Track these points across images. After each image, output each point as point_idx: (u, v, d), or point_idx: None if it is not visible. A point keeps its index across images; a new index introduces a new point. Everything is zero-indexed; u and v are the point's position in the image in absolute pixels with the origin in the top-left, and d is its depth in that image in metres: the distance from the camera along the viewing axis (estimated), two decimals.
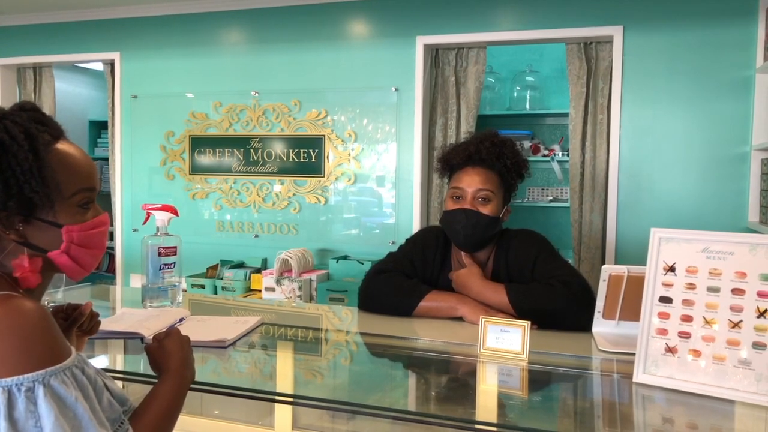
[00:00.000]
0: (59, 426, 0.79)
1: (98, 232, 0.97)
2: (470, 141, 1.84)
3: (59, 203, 0.90)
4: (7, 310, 0.81)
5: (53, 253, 0.92)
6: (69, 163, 0.93)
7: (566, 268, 1.76)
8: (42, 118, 0.94)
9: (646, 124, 3.13)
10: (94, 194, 0.97)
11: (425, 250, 1.89)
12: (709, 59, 3.02)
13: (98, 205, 0.99)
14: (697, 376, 1.19)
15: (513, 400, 1.28)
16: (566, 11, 3.21)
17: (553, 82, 4.33)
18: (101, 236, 0.98)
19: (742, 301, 1.18)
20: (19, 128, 0.88)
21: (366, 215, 3.66)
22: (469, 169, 1.79)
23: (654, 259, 1.28)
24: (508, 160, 1.78)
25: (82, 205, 0.94)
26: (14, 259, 0.89)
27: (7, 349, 0.79)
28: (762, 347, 1.15)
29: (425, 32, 3.43)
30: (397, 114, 3.52)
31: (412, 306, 1.75)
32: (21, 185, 0.85)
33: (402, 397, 1.30)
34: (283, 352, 1.57)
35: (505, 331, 1.40)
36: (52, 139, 0.92)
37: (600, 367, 1.42)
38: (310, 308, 2.34)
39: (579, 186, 3.30)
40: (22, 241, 0.90)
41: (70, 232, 0.92)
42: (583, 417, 1.19)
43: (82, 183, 0.94)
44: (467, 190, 1.77)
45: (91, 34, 4.08)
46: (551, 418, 1.20)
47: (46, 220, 0.90)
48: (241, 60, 3.79)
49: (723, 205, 3.03)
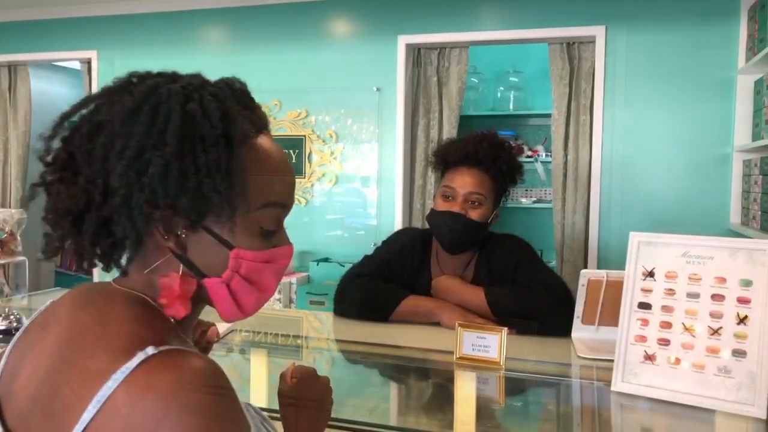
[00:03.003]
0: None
1: (275, 268, 0.71)
2: (468, 140, 1.77)
3: (240, 215, 0.67)
4: (177, 382, 0.57)
5: (211, 280, 0.68)
6: (266, 165, 0.69)
7: (547, 273, 1.74)
8: (249, 102, 0.72)
9: (629, 125, 3.12)
10: (284, 214, 0.73)
11: (403, 253, 1.85)
12: (691, 60, 3.01)
13: (286, 231, 0.74)
14: (677, 385, 1.16)
15: (488, 410, 1.24)
16: (549, 11, 3.18)
17: (537, 82, 4.31)
18: (276, 274, 0.72)
19: (721, 307, 1.15)
20: (218, 105, 0.66)
21: (348, 216, 3.61)
22: (464, 169, 1.73)
23: (633, 264, 1.25)
24: (504, 164, 1.74)
25: (265, 226, 0.70)
26: (163, 276, 0.67)
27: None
28: (742, 355, 1.12)
29: (407, 31, 3.39)
30: (379, 114, 3.48)
31: (389, 311, 1.71)
32: (201, 179, 0.63)
33: (372, 408, 1.26)
34: (257, 358, 1.53)
35: (481, 337, 1.36)
36: (253, 130, 0.70)
37: (578, 374, 1.39)
38: (289, 313, 2.29)
39: (562, 187, 3.27)
40: (180, 253, 0.67)
41: (239, 259, 0.68)
42: (560, 427, 1.16)
43: (275, 196, 0.70)
44: (459, 191, 1.72)
45: (67, 32, 4.00)
46: (527, 428, 1.17)
47: (217, 234, 0.67)
48: (221, 59, 3.73)
49: (705, 206, 3.02)
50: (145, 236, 0.66)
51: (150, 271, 0.68)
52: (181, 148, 0.63)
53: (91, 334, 0.64)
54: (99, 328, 0.64)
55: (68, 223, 0.66)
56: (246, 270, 0.69)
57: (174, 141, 0.63)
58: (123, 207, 0.63)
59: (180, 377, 0.58)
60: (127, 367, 0.58)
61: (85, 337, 0.64)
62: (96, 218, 0.65)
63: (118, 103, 0.66)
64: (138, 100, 0.65)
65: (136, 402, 0.56)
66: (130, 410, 0.56)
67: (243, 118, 0.68)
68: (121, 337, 0.62)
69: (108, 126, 0.65)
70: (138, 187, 0.63)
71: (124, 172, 0.63)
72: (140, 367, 0.58)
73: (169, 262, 0.67)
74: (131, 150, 0.63)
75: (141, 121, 0.63)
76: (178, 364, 0.59)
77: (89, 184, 0.65)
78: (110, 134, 0.64)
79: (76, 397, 0.59)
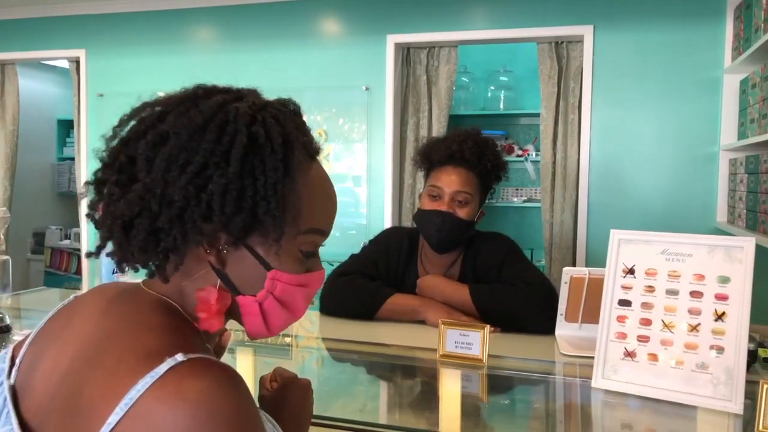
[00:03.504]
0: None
1: (307, 292, 0.74)
2: (453, 138, 1.78)
3: (285, 239, 0.68)
4: (206, 390, 0.57)
5: (245, 298, 0.70)
6: (317, 193, 0.72)
7: (532, 271, 1.74)
8: (303, 125, 0.73)
9: (617, 123, 3.13)
10: (323, 240, 0.76)
11: (389, 251, 1.85)
12: (678, 59, 3.03)
13: (320, 257, 0.77)
14: (656, 381, 1.17)
15: (470, 407, 1.24)
16: (537, 10, 3.19)
17: (527, 82, 4.32)
18: (308, 298, 0.75)
19: (700, 304, 1.16)
20: (280, 129, 0.67)
21: (338, 216, 3.59)
22: (450, 168, 1.74)
23: (613, 261, 1.26)
24: (489, 162, 1.74)
25: (305, 251, 0.72)
26: (199, 290, 0.69)
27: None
28: (719, 351, 1.13)
29: (396, 31, 3.39)
30: (369, 113, 3.48)
31: (374, 309, 1.71)
32: (257, 201, 0.65)
33: (358, 406, 1.26)
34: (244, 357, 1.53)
35: (464, 335, 1.36)
36: (307, 157, 0.72)
37: (561, 371, 1.39)
38: None
39: (550, 186, 3.28)
40: (219, 269, 0.69)
41: (276, 280, 0.70)
42: (540, 424, 1.16)
43: (320, 223, 0.73)
44: (446, 190, 1.72)
45: (55, 30, 3.97)
46: (508, 425, 1.17)
47: (258, 255, 0.68)
48: (210, 58, 3.72)
49: (692, 205, 3.04)
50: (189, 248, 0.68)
51: (188, 283, 0.69)
52: (243, 169, 0.64)
53: (119, 336, 0.65)
54: (128, 331, 0.65)
55: (118, 227, 0.66)
56: (280, 292, 0.70)
57: (237, 163, 0.64)
58: (177, 219, 0.64)
59: (209, 386, 0.58)
60: (156, 372, 0.58)
61: (112, 340, 0.64)
62: (148, 226, 0.65)
63: (184, 116, 0.67)
64: (206, 116, 0.66)
65: (165, 408, 0.56)
66: (158, 416, 0.56)
67: (300, 144, 0.69)
68: (149, 342, 0.62)
69: (173, 137, 0.66)
70: (195, 201, 0.64)
71: (184, 185, 0.64)
72: (169, 373, 0.58)
73: (206, 276, 0.69)
74: (195, 165, 0.64)
75: (207, 138, 0.65)
76: (206, 372, 0.59)
77: (147, 191, 0.65)
78: (175, 146, 0.65)
79: (102, 398, 0.59)
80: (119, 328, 0.66)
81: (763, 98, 2.34)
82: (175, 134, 0.66)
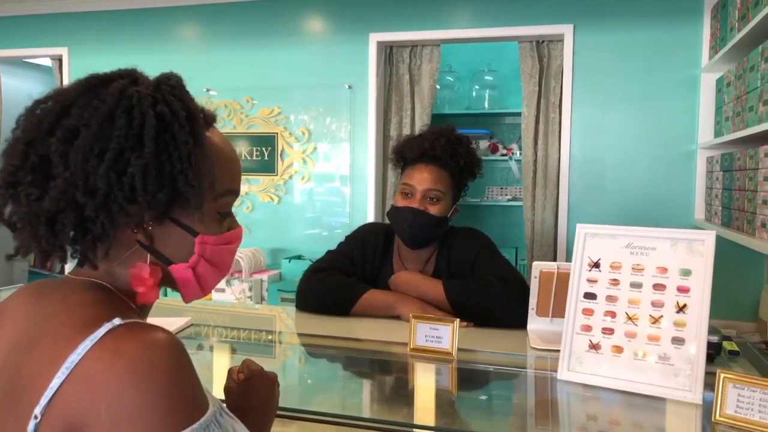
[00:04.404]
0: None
1: (231, 249, 0.79)
2: (426, 136, 1.80)
3: (205, 204, 0.72)
4: (144, 347, 0.60)
5: (178, 266, 0.73)
6: (223, 156, 0.76)
7: (505, 266, 1.76)
8: (189, 96, 0.75)
9: (597, 122, 3.16)
10: (235, 200, 0.80)
11: (365, 247, 1.86)
12: (657, 58, 3.06)
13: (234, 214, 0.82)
14: (620, 372, 1.19)
15: (439, 400, 1.26)
16: (518, 10, 3.21)
17: (511, 81, 4.34)
18: (232, 254, 0.79)
19: (663, 297, 1.18)
20: (181, 104, 0.71)
21: (320, 214, 3.62)
22: (422, 166, 1.76)
23: (579, 255, 1.27)
24: (461, 160, 1.76)
25: (223, 212, 0.77)
26: (131, 267, 0.71)
27: (146, 403, 0.58)
28: (680, 342, 1.14)
29: (378, 29, 3.40)
30: (351, 112, 3.49)
31: (350, 305, 1.72)
32: (176, 175, 0.68)
33: (325, 399, 1.27)
34: (220, 353, 1.53)
35: (434, 329, 1.37)
36: (205, 124, 0.76)
37: (531, 364, 1.41)
38: (262, 309, 2.30)
39: (532, 184, 3.31)
40: (148, 245, 0.71)
41: (204, 244, 0.74)
42: (507, 416, 1.18)
43: (233, 183, 0.78)
44: (417, 188, 1.74)
45: (38, 28, 3.95)
46: (475, 417, 1.18)
47: (183, 224, 0.72)
48: (193, 56, 3.71)
49: (671, 202, 3.07)
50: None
51: (118, 264, 0.72)
52: (157, 148, 0.67)
53: (55, 317, 0.67)
54: (63, 312, 0.67)
55: (42, 225, 0.67)
56: (210, 253, 0.75)
57: (151, 143, 0.67)
58: (102, 206, 0.66)
59: (146, 344, 0.61)
60: (95, 335, 0.61)
61: (48, 320, 0.67)
62: (74, 218, 0.67)
63: (89, 107, 0.68)
64: (111, 104, 0.68)
65: (105, 365, 0.59)
66: (99, 374, 0.58)
67: (199, 114, 0.73)
68: (86, 315, 0.65)
69: (84, 130, 0.67)
70: (119, 186, 0.66)
71: (105, 173, 0.65)
72: (107, 335, 0.61)
73: (135, 254, 0.71)
74: (111, 152, 0.66)
75: (117, 125, 0.67)
76: (144, 332, 0.62)
77: (69, 185, 0.66)
78: (88, 138, 0.66)
79: (42, 370, 0.61)
80: (53, 311, 0.68)
81: (737, 96, 2.37)
82: (85, 126, 0.67)
